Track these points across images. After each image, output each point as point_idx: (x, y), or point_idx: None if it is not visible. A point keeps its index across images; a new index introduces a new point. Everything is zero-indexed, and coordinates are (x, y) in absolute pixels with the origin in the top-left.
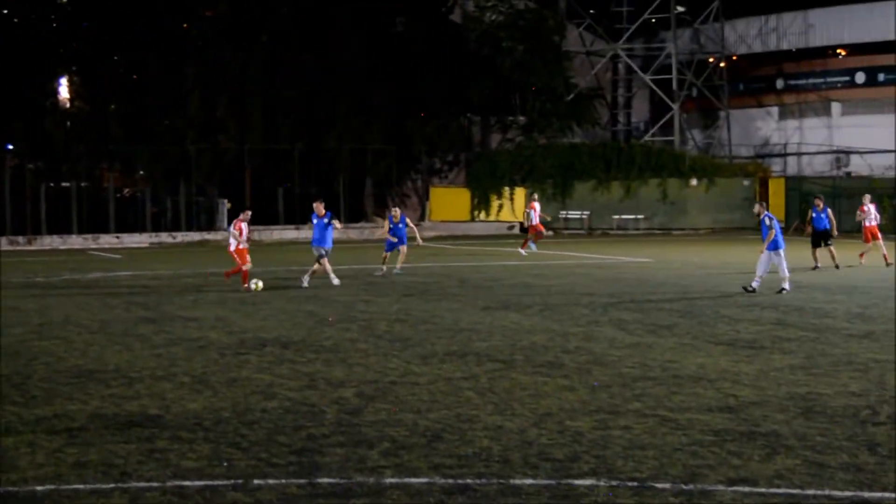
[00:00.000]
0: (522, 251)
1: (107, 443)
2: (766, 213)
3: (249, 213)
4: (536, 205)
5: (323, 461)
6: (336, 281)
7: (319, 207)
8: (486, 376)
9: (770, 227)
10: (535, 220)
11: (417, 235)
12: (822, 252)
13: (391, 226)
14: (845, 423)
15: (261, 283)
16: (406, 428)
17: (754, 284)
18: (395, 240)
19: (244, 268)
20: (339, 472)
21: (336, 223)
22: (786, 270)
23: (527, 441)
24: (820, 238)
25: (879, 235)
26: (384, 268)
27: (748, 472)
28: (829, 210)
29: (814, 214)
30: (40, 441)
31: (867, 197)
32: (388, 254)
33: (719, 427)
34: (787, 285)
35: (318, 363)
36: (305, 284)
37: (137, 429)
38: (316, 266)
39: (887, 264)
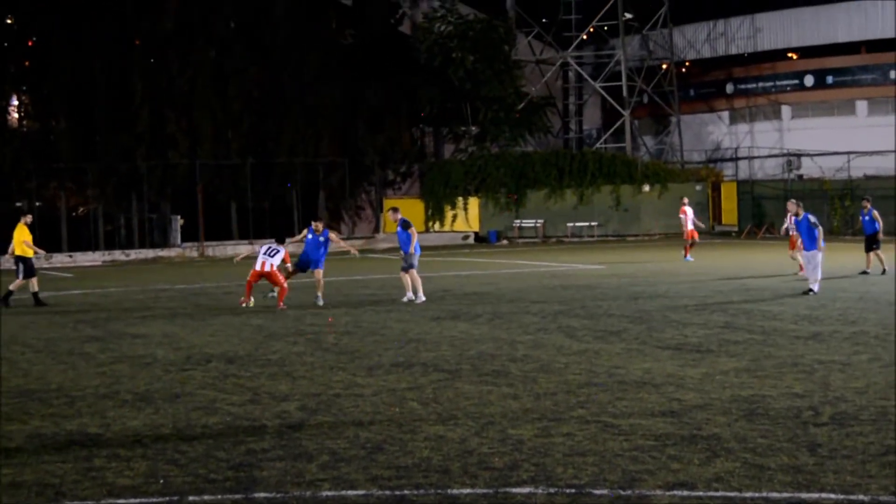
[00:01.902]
0: (688, 257)
1: (43, 462)
2: (805, 213)
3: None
4: (688, 209)
5: (261, 475)
6: (322, 302)
7: (319, 225)
8: (432, 386)
9: (816, 226)
10: (690, 226)
11: (352, 248)
12: (871, 255)
13: (310, 236)
14: (787, 425)
15: (252, 300)
16: (347, 440)
17: (815, 288)
18: (306, 261)
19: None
20: (277, 487)
21: (333, 236)
22: (819, 273)
23: (467, 450)
24: (871, 242)
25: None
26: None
27: (687, 475)
28: (874, 212)
29: (863, 217)
30: None
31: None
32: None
33: (661, 432)
34: (815, 287)
35: (262, 377)
36: (321, 303)
37: (76, 448)
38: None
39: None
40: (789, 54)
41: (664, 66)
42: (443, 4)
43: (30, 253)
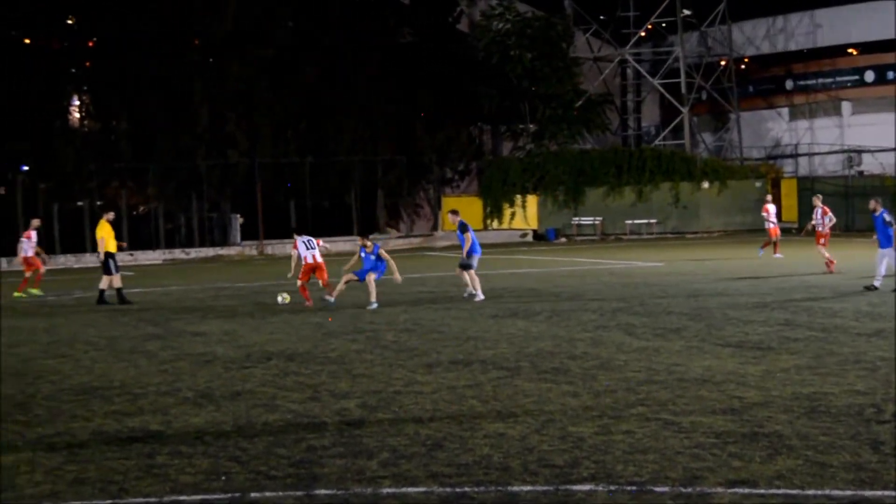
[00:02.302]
0: (777, 255)
1: (107, 459)
2: (883, 209)
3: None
4: (770, 206)
5: (321, 472)
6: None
7: (367, 242)
8: (491, 384)
9: (890, 224)
10: (773, 223)
11: (395, 272)
12: None
13: (362, 256)
14: (849, 422)
15: (287, 297)
16: (407, 437)
17: (877, 283)
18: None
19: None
20: (337, 484)
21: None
22: (884, 269)
23: (528, 448)
24: None
25: None
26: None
27: (748, 473)
28: None
29: None
30: (40, 459)
31: None
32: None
33: (722, 429)
34: (878, 283)
35: (322, 375)
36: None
37: (138, 444)
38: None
39: None
40: (849, 50)
41: (723, 63)
42: (501, 2)
43: (113, 248)
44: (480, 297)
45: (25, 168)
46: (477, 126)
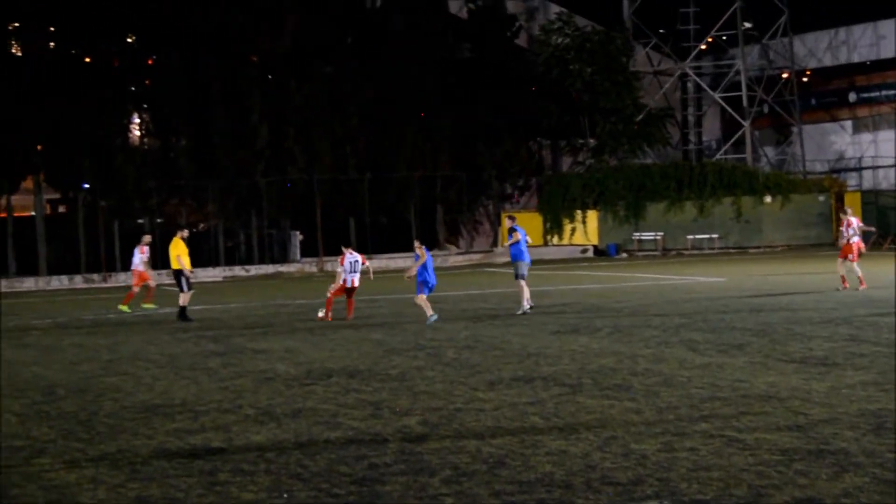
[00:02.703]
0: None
1: (169, 477)
2: None
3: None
4: (853, 219)
5: (383, 490)
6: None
7: (421, 249)
8: (553, 401)
9: None
10: (852, 238)
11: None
12: None
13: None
14: None
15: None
16: (468, 455)
17: None
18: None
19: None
20: (399, 501)
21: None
22: None
23: (590, 465)
24: None
25: None
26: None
27: (815, 491)
28: None
29: None
30: (103, 476)
31: None
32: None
33: (787, 446)
34: None
35: (383, 392)
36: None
37: (200, 462)
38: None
39: None
40: None
41: (784, 76)
42: (560, 17)
43: (187, 265)
44: (523, 308)
45: (86, 186)
46: (536, 141)
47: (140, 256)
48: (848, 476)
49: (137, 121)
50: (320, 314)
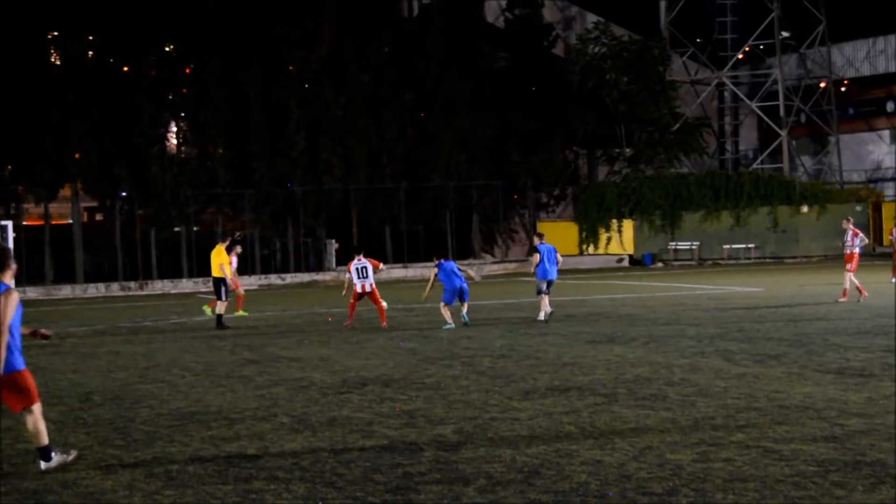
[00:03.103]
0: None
1: (204, 484)
2: None
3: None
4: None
5: (418, 499)
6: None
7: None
8: (588, 410)
9: None
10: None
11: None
12: None
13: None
14: None
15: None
16: (503, 464)
17: None
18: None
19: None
20: None
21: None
22: None
23: (625, 475)
24: None
25: None
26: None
27: (851, 502)
28: None
29: None
30: (138, 483)
31: None
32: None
33: (824, 457)
34: None
35: (418, 401)
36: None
37: (235, 469)
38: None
39: None
40: None
41: (822, 85)
42: (597, 26)
43: (228, 273)
44: (540, 317)
45: (124, 194)
46: (572, 150)
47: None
48: (885, 488)
49: (174, 129)
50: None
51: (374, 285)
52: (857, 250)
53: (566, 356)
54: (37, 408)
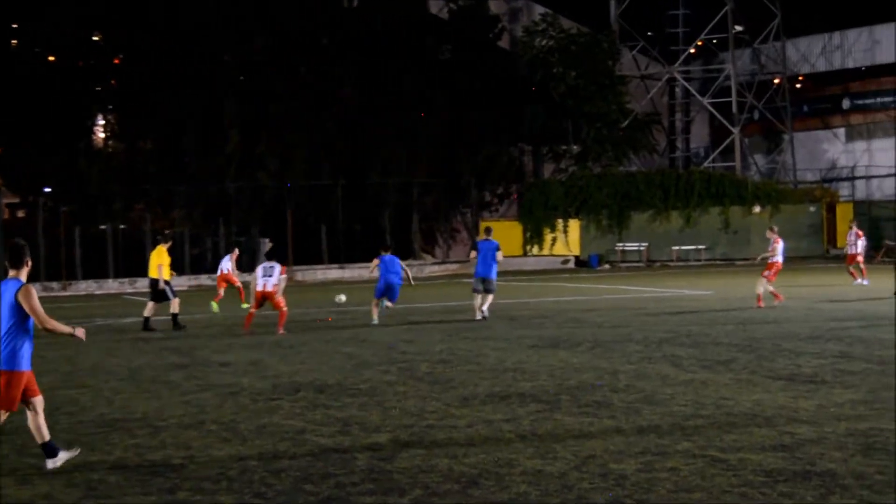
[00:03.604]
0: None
1: (126, 495)
2: None
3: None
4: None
5: None
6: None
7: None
8: (529, 418)
9: None
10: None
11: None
12: None
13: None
14: None
15: (344, 297)
16: (440, 474)
17: None
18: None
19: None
20: None
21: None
22: None
23: (567, 485)
24: None
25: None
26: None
27: None
28: None
29: None
30: (57, 494)
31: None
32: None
33: (772, 467)
34: None
35: (352, 408)
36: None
37: (159, 479)
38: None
39: None
40: None
41: (776, 81)
42: (544, 18)
43: (165, 275)
44: (477, 316)
45: (48, 190)
46: (517, 147)
47: (232, 262)
48: (834, 498)
49: (102, 122)
50: (339, 300)
51: (277, 286)
52: (779, 259)
53: (508, 361)
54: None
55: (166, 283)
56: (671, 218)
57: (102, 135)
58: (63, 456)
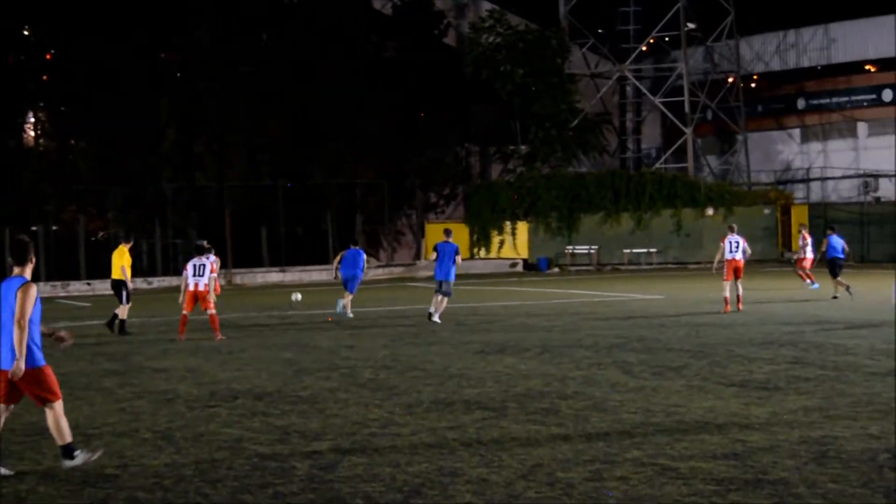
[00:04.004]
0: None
1: None
2: None
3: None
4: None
5: None
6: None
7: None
8: (475, 426)
9: None
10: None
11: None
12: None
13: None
14: (861, 469)
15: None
16: (383, 483)
17: None
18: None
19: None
20: None
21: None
22: None
23: (513, 495)
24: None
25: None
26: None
27: None
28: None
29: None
30: None
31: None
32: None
33: (723, 475)
34: None
35: (292, 415)
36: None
37: (91, 490)
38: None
39: None
40: (866, 66)
41: (730, 80)
42: (491, 14)
43: (128, 277)
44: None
45: None
46: (464, 147)
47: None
48: None
49: (33, 120)
50: (295, 298)
51: (208, 286)
52: (739, 256)
53: (453, 367)
54: (58, 405)
55: (123, 284)
56: (622, 220)
57: (33, 133)
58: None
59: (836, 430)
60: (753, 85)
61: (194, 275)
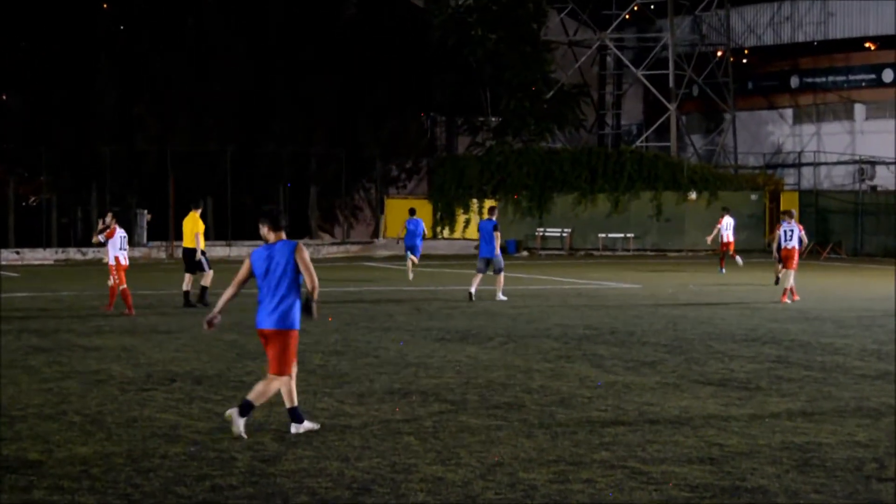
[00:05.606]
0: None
1: None
2: None
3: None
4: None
5: None
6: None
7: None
8: (431, 419)
9: None
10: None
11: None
12: None
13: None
14: (846, 479)
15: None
16: (329, 478)
17: None
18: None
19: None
20: None
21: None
22: None
23: (470, 495)
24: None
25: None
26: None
27: None
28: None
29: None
30: None
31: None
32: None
33: (698, 482)
34: None
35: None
36: None
37: (13, 476)
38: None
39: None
40: (866, 44)
41: (719, 54)
42: None
43: (202, 244)
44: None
45: None
46: (429, 117)
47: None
48: None
49: None
50: None
51: (127, 258)
52: (794, 244)
53: (410, 355)
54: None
55: (203, 252)
56: (598, 202)
57: None
58: (308, 425)
59: (821, 435)
60: (744, 60)
61: (120, 248)
